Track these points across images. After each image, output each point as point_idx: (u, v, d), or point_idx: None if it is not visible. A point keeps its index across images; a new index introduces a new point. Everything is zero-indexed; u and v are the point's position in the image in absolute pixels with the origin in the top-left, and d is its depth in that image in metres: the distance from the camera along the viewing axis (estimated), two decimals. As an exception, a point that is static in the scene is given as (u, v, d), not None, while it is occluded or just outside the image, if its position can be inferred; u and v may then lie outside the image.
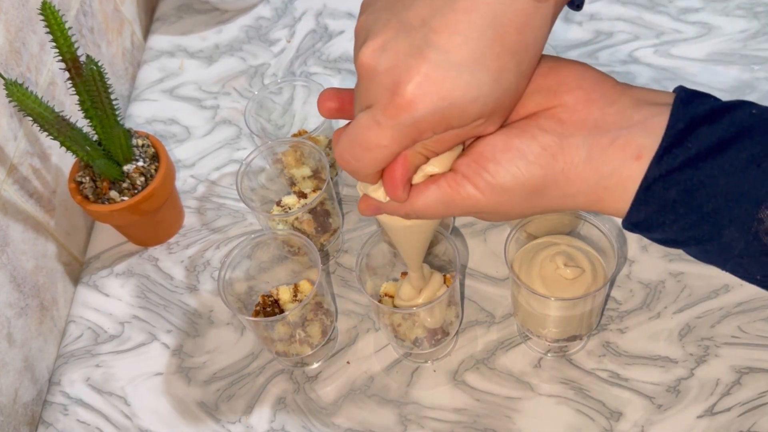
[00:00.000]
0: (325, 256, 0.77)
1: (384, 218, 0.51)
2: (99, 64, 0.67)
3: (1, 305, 0.68)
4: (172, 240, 0.82)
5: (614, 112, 0.42)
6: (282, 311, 0.69)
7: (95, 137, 0.72)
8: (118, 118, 0.72)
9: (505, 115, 0.43)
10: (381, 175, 0.44)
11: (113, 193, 0.73)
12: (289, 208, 0.74)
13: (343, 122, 0.47)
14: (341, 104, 0.46)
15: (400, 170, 0.43)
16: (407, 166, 0.43)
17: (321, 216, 0.73)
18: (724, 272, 0.44)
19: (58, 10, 0.64)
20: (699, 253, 0.43)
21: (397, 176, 0.43)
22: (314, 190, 0.75)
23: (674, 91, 0.43)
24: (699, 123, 0.40)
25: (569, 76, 0.43)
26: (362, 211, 0.48)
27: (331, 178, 0.73)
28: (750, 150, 0.39)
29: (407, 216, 0.47)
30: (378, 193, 0.46)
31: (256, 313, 0.69)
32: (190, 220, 0.83)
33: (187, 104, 0.93)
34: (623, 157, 0.41)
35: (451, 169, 0.45)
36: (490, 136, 0.43)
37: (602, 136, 0.42)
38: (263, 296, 0.70)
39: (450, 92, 0.39)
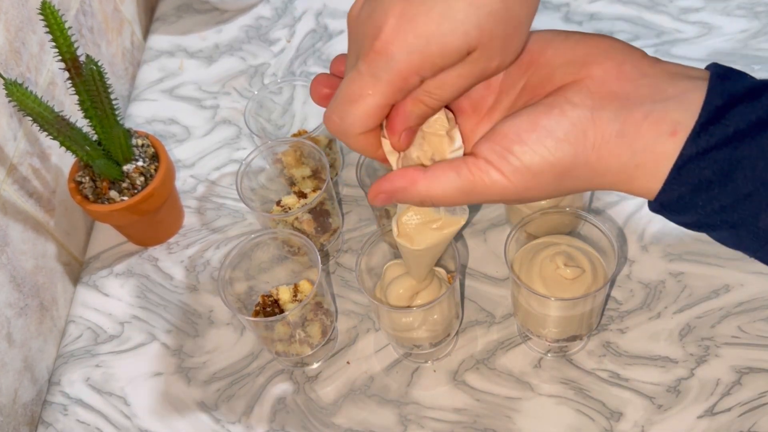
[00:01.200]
0: (325, 256, 0.77)
1: (399, 241, 0.50)
2: (99, 64, 0.67)
3: (1, 305, 0.68)
4: (172, 240, 0.82)
5: (647, 84, 0.40)
6: (282, 311, 0.69)
7: (95, 137, 0.72)
8: (118, 118, 0.72)
9: (505, 46, 0.40)
10: (373, 142, 0.42)
11: (113, 193, 0.73)
12: (289, 208, 0.74)
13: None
14: (333, 89, 0.45)
15: (398, 118, 0.41)
16: (406, 114, 0.41)
17: (321, 216, 0.73)
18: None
19: (58, 10, 0.64)
20: (729, 238, 0.41)
21: (396, 124, 0.41)
22: (314, 190, 0.75)
23: (707, 68, 0.41)
24: (737, 100, 0.38)
25: (598, 47, 0.42)
26: (371, 199, 0.45)
27: (331, 178, 0.73)
28: None
29: (422, 203, 0.44)
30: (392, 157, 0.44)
31: (256, 313, 0.69)
32: (190, 220, 0.83)
33: (187, 104, 0.93)
34: (657, 133, 0.39)
35: (472, 154, 0.42)
36: (514, 117, 0.41)
37: (635, 109, 0.39)
38: (263, 296, 0.70)
39: (424, 28, 0.37)
